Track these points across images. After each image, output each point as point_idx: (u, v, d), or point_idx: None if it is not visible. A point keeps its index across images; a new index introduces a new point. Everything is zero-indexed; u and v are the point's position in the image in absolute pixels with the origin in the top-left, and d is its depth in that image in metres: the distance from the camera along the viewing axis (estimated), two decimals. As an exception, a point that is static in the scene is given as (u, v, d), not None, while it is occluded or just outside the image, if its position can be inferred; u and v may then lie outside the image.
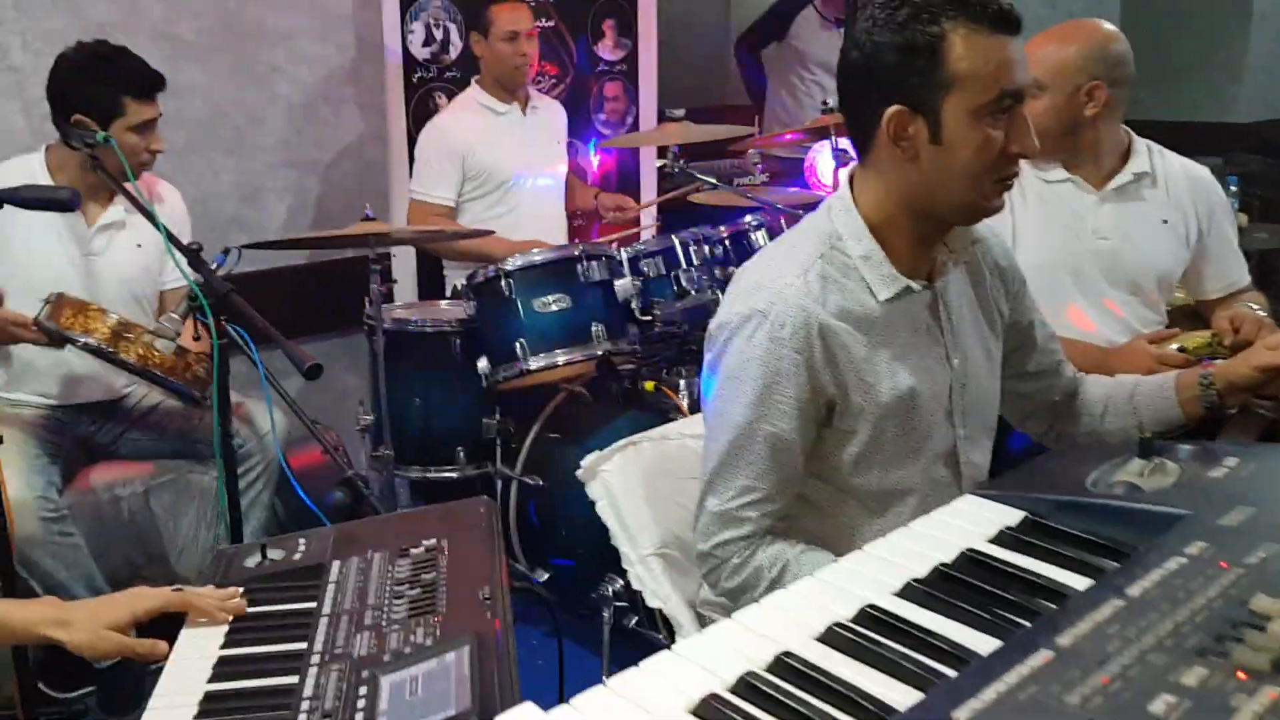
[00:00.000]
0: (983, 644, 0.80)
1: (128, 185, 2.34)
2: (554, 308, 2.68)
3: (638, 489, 1.75)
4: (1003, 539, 0.94)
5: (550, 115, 3.81)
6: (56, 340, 2.34)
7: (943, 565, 0.90)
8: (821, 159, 4.59)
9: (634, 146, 4.27)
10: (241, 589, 1.47)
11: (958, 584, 0.88)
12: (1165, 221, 2.36)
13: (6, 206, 2.16)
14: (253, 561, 1.59)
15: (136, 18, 3.25)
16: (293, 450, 2.73)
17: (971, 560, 0.90)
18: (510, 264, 2.70)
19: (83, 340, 2.30)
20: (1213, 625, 0.70)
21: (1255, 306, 2.25)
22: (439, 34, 3.84)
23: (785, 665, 0.81)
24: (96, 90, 2.53)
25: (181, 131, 3.39)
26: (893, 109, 1.41)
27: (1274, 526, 0.83)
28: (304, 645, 1.32)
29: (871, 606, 0.86)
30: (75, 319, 2.30)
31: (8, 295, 2.41)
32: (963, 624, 0.81)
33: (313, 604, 1.42)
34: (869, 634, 0.82)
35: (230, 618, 1.41)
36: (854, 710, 0.75)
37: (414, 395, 2.94)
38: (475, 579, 1.45)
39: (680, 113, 3.23)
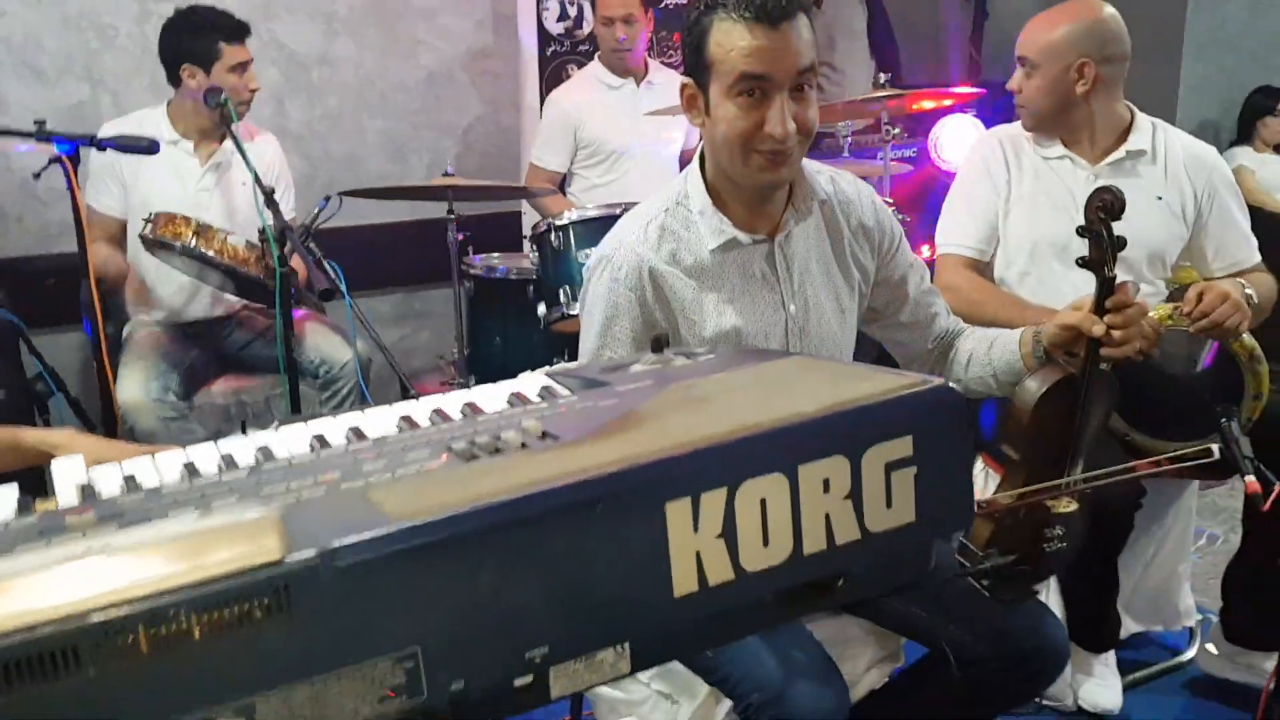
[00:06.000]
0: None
1: (234, 128, 2.86)
2: (594, 258, 2.95)
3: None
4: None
5: (669, 89, 3.95)
6: (156, 247, 2.80)
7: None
8: (946, 133, 4.59)
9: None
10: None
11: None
12: (1160, 198, 2.36)
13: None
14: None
15: (298, -3, 3.78)
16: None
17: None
18: (560, 219, 3.00)
19: (177, 245, 2.71)
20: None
21: (1245, 284, 2.22)
22: (572, 10, 4.16)
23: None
24: (197, 42, 3.00)
25: (334, 97, 3.91)
26: (682, 81, 1.65)
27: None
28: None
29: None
30: (167, 228, 2.73)
31: (134, 221, 2.92)
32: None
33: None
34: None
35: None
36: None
37: (495, 335, 3.32)
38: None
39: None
